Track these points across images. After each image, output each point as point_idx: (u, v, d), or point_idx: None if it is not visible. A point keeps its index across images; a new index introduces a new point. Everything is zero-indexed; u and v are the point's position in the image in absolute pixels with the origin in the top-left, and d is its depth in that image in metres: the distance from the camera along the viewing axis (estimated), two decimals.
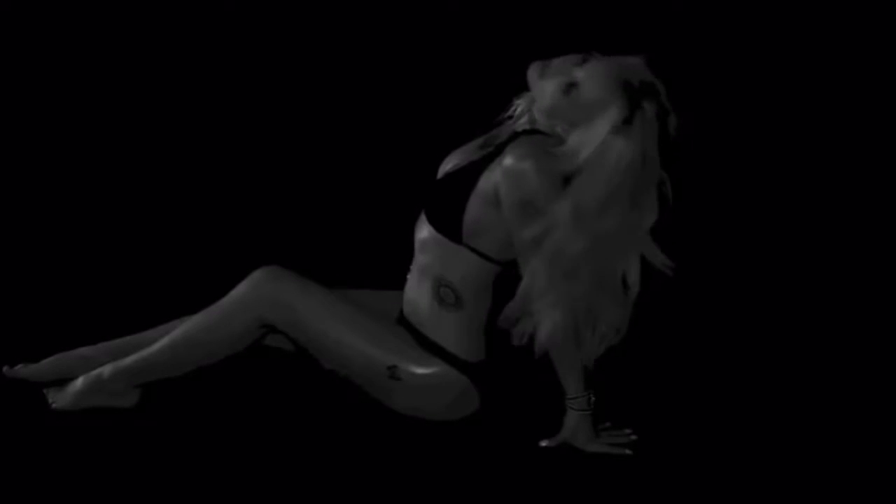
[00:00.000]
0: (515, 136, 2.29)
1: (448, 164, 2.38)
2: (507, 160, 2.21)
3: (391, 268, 2.52)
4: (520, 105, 2.33)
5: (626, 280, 2.20)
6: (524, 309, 2.21)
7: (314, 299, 2.31)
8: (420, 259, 2.35)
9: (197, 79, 3.45)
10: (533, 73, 2.24)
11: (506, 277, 2.31)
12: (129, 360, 2.37)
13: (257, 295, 2.31)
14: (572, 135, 2.19)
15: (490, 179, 2.24)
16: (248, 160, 3.45)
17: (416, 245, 2.36)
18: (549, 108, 2.22)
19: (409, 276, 2.38)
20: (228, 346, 2.35)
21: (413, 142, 3.22)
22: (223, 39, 3.41)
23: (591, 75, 2.17)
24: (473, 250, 2.28)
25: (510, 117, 2.36)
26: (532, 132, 2.28)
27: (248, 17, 3.41)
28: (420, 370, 2.30)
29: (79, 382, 2.37)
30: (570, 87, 2.19)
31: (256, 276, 2.34)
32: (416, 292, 2.35)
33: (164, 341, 2.36)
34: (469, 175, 2.28)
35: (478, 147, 2.37)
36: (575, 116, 2.19)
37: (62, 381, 2.41)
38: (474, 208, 2.26)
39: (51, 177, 3.43)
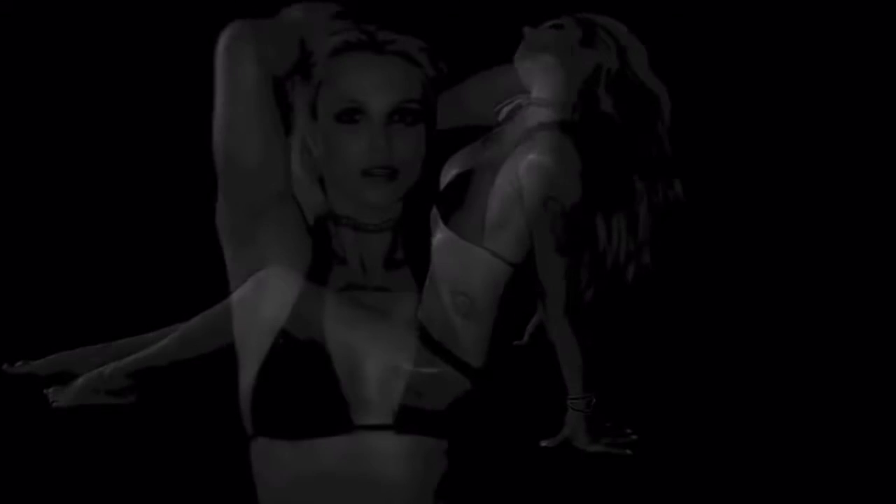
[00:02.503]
0: (529, 131, 2.29)
1: (453, 168, 2.37)
2: (533, 156, 2.21)
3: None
4: (511, 103, 2.34)
5: None
6: None
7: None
8: (436, 261, 2.34)
9: (198, 80, 3.44)
10: (526, 39, 2.33)
11: (511, 290, 2.32)
12: (129, 360, 2.37)
13: (260, 295, 2.31)
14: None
15: (509, 175, 2.24)
16: None
17: (433, 248, 2.35)
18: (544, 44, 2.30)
19: (427, 279, 2.38)
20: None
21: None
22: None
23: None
24: (489, 251, 2.28)
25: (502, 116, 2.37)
26: (546, 126, 2.28)
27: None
28: (422, 370, 2.30)
29: (79, 381, 2.37)
30: (558, 26, 2.31)
31: (260, 276, 2.34)
32: (431, 296, 2.35)
33: (165, 342, 2.36)
34: (481, 174, 2.28)
35: (483, 146, 2.35)
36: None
37: (63, 380, 2.42)
38: (493, 206, 2.26)
39: (51, 177, 3.42)
